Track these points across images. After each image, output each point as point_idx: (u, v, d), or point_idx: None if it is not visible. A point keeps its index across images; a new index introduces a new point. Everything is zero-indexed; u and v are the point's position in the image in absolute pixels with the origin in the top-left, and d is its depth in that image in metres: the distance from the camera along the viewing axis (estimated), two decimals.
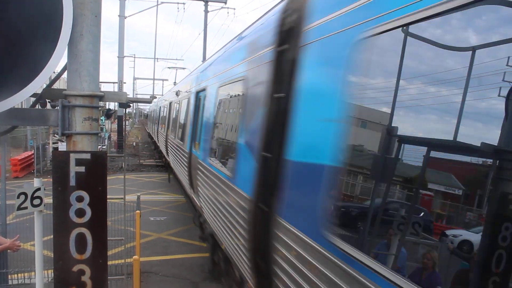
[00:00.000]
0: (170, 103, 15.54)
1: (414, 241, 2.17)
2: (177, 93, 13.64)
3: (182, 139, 10.43)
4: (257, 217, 3.89)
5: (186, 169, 9.10)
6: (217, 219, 5.77)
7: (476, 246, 1.77)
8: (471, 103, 1.87)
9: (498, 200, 1.80)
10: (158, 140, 20.91)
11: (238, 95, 5.13)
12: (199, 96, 8.62)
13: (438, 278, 2.00)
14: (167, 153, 14.53)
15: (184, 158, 9.58)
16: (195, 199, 8.16)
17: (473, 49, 1.89)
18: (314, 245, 2.78)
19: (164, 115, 18.17)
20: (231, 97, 5.73)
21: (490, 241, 1.73)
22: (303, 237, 2.94)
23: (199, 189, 7.23)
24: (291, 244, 3.14)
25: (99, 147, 3.13)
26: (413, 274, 2.09)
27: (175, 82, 36.01)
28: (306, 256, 2.88)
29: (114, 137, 32.71)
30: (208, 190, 6.33)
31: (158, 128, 21.58)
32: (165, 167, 21.78)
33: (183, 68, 48.32)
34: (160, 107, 22.23)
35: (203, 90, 7.95)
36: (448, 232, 1.98)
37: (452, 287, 1.96)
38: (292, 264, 3.13)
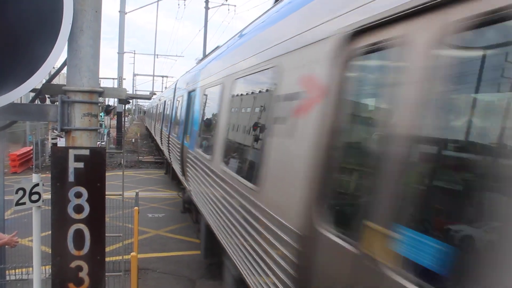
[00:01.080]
0: (157, 105, 26.70)
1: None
2: (159, 99, 26.02)
3: (159, 124, 21.00)
4: (168, 138, 13.92)
5: (160, 137, 19.13)
6: (163, 147, 16.53)
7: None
8: None
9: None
10: (151, 128, 32.07)
11: (166, 107, 17.63)
12: (165, 103, 18.39)
13: None
14: (154, 132, 25.73)
15: (159, 131, 19.57)
16: (164, 150, 17.07)
17: None
18: (171, 137, 13.10)
19: (153, 112, 30.22)
20: (169, 106, 15.90)
21: None
22: (172, 136, 12.94)
23: (162, 144, 17.42)
24: (172, 141, 12.77)
25: (98, 143, 3.13)
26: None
27: (166, 87, 42.87)
28: (176, 143, 11.41)
29: (114, 133, 32.67)
30: (164, 140, 16.11)
31: (150, 121, 33.96)
32: (164, 163, 21.97)
33: (172, 77, 55.51)
34: (152, 107, 35.09)
35: (165, 101, 18.99)
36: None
37: None
38: (171, 147, 12.80)
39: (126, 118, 43.75)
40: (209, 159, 6.23)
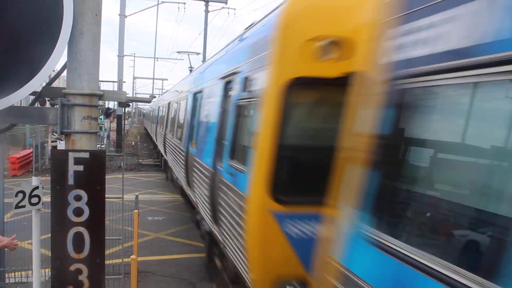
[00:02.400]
0: (149, 111, 37.82)
1: None
2: (151, 107, 36.47)
3: (150, 122, 33.50)
4: (154, 128, 26.13)
5: (150, 128, 32.55)
6: (151, 132, 31.71)
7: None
8: None
9: None
10: (147, 126, 40.93)
11: (153, 113, 31.38)
12: (153, 111, 31.38)
13: None
14: (149, 127, 35.90)
15: (150, 126, 32.80)
16: (150, 133, 32.86)
17: None
18: (153, 126, 27.94)
19: (149, 115, 39.99)
20: (154, 113, 29.55)
21: None
22: (154, 126, 26.90)
23: (151, 132, 29.75)
24: (152, 128, 28.64)
25: (98, 146, 3.13)
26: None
27: (161, 93, 46.04)
28: (153, 127, 26.73)
29: (113, 136, 32.68)
30: (151, 129, 31.55)
31: (147, 122, 44.15)
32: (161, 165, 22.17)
33: (163, 87, 59.69)
34: (148, 111, 45.19)
35: (153, 109, 32.61)
36: None
37: None
38: (152, 130, 29.82)
39: (126, 121, 43.89)
40: (159, 128, 20.64)
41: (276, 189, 4.03)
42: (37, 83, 2.45)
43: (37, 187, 3.27)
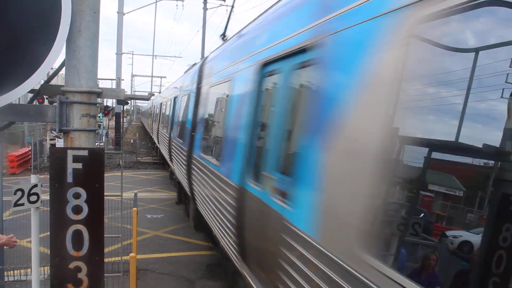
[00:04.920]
0: (146, 110, 49.41)
1: None
2: (147, 106, 49.75)
3: (146, 118, 43.93)
4: (148, 122, 34.28)
5: (146, 122, 40.10)
6: (146, 126, 41.04)
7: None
8: None
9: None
10: (143, 121, 49.63)
11: (148, 112, 41.73)
12: (148, 110, 40.56)
13: None
14: (146, 123, 40.50)
15: (146, 120, 41.97)
16: (145, 126, 42.63)
17: None
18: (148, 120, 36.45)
19: (145, 112, 50.08)
20: (148, 112, 39.40)
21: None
22: (149, 121, 33.99)
23: (147, 125, 36.10)
24: (147, 122, 39.68)
25: (96, 144, 3.13)
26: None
27: (159, 92, 48.93)
28: (147, 121, 39.53)
29: (112, 134, 32.63)
30: (147, 123, 37.58)
31: (143, 118, 51.61)
32: (162, 164, 22.09)
33: (158, 91, 63.72)
34: (145, 110, 52.34)
35: (148, 108, 42.39)
36: None
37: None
38: (145, 122, 46.35)
39: (124, 118, 44.14)
40: (152, 124, 27.43)
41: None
42: (36, 80, 2.44)
43: (35, 185, 3.27)
